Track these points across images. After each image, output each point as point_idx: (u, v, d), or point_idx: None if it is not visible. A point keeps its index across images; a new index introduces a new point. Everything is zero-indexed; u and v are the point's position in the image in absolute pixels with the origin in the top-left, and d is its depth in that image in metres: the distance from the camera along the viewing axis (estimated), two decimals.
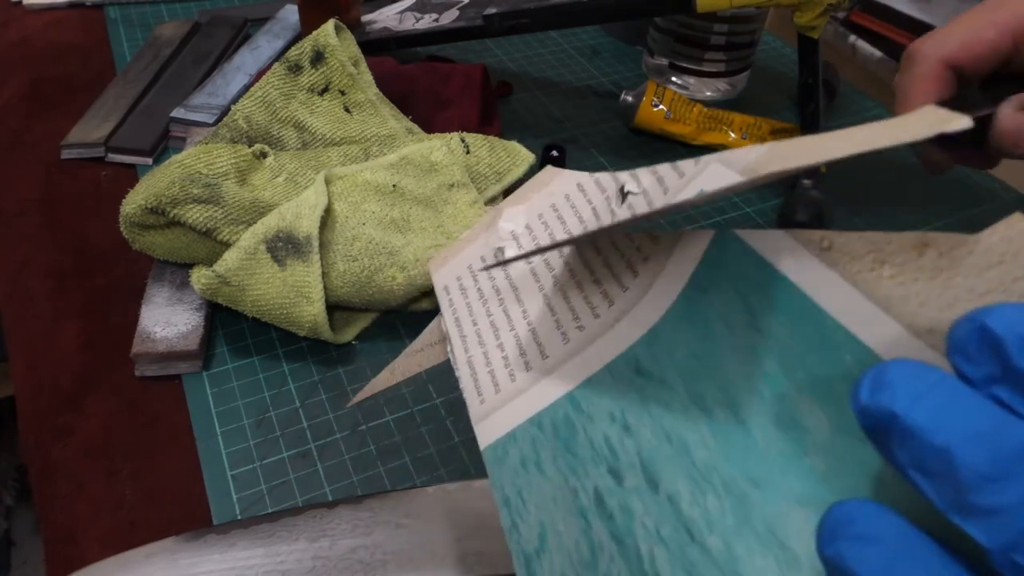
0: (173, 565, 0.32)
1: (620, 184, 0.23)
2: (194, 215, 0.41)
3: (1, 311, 0.46)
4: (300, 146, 0.50)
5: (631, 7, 0.51)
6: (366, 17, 0.64)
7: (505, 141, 0.51)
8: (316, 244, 0.40)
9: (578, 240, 0.18)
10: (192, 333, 0.41)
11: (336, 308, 0.43)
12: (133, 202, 0.41)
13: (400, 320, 0.44)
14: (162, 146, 0.56)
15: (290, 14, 0.67)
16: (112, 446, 0.38)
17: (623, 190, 0.23)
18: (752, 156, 0.18)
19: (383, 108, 0.51)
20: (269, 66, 0.56)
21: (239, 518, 0.34)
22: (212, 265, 0.41)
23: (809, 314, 0.18)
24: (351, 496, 0.35)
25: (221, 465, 0.37)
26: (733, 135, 0.57)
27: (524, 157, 0.51)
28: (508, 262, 0.20)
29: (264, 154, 0.46)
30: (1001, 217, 0.16)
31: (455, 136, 0.49)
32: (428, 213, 0.45)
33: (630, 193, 0.22)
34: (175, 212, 0.40)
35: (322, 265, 0.40)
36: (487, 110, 0.56)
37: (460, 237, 0.29)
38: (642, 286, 0.21)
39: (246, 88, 0.58)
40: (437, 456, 0.37)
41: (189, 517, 0.35)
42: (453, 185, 0.47)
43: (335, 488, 0.36)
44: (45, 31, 0.68)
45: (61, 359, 0.42)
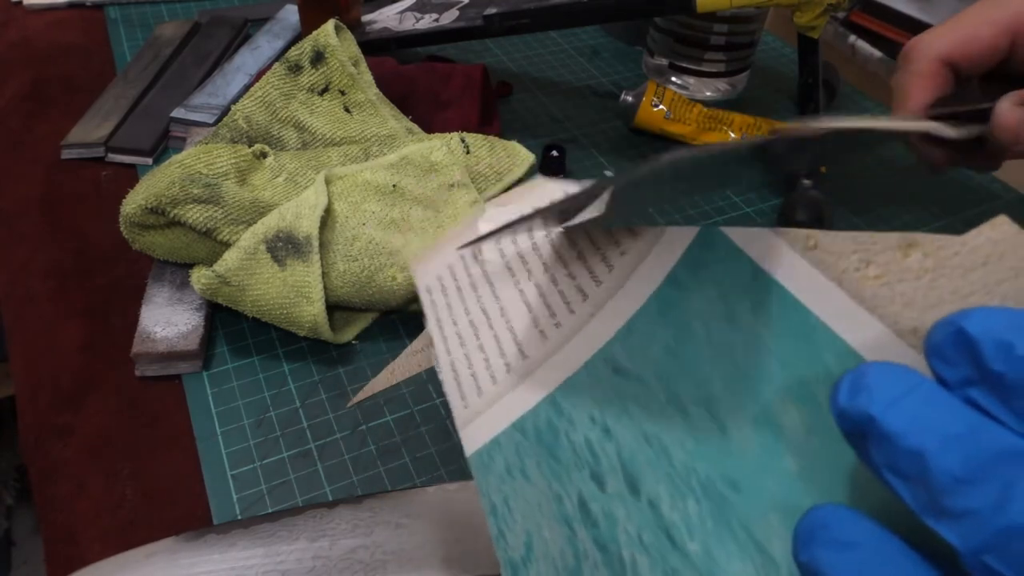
0: (173, 565, 0.32)
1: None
2: (194, 215, 0.41)
3: (1, 311, 0.46)
4: (300, 146, 0.50)
5: (631, 7, 0.51)
6: (366, 17, 0.64)
7: (505, 141, 0.51)
8: (316, 244, 0.40)
9: (547, 214, 0.18)
10: (192, 333, 0.41)
11: (336, 308, 0.43)
12: (133, 202, 0.41)
13: (400, 320, 0.44)
14: (162, 146, 0.56)
15: (290, 14, 0.67)
16: (112, 446, 0.38)
17: None
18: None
19: (383, 108, 0.51)
20: (269, 66, 0.56)
21: (239, 518, 0.34)
22: (212, 265, 0.41)
23: (792, 313, 0.18)
24: (351, 496, 0.35)
25: (221, 465, 0.37)
26: (733, 135, 0.57)
27: (524, 157, 0.51)
28: (483, 239, 0.20)
29: (264, 154, 0.46)
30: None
31: (455, 136, 0.49)
32: (428, 213, 0.45)
33: None
34: (175, 212, 0.41)
35: (322, 265, 0.40)
36: (487, 110, 0.56)
37: (442, 236, 0.29)
38: (617, 280, 0.21)
39: (246, 88, 0.58)
40: (437, 456, 0.37)
41: (189, 517, 0.35)
42: (453, 185, 0.47)
43: (335, 488, 0.36)
44: (45, 31, 0.68)
45: (61, 359, 0.42)
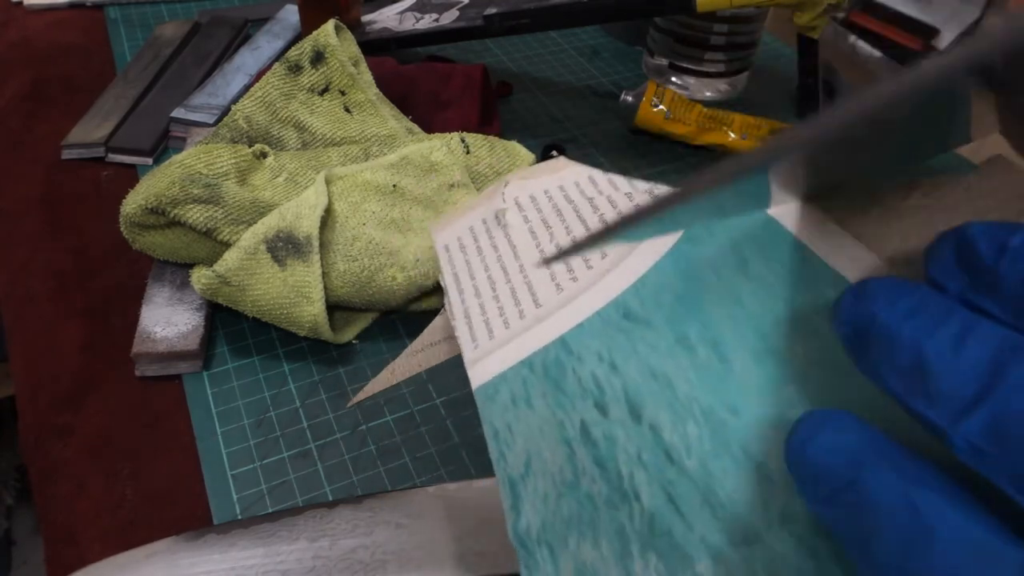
0: (173, 565, 0.32)
1: (643, 190, 0.24)
2: (194, 215, 0.41)
3: (1, 311, 0.46)
4: (300, 146, 0.50)
5: (631, 7, 0.51)
6: (366, 17, 0.64)
7: (505, 141, 0.51)
8: (316, 244, 0.40)
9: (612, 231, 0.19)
10: (192, 333, 0.41)
11: (336, 308, 0.43)
12: (133, 202, 0.41)
13: (400, 320, 0.44)
14: (162, 146, 0.56)
15: (290, 14, 0.67)
16: (112, 446, 0.38)
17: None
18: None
19: (383, 108, 0.51)
20: (269, 66, 0.56)
21: (239, 518, 0.34)
22: (212, 265, 0.41)
23: (796, 254, 0.18)
24: (351, 496, 0.35)
25: (221, 465, 0.37)
26: (733, 135, 0.57)
27: (524, 157, 0.51)
28: (563, 255, 0.21)
29: (264, 154, 0.46)
30: None
31: (455, 136, 0.49)
32: (428, 213, 0.45)
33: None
34: (175, 212, 0.41)
35: (322, 265, 0.40)
36: (487, 110, 0.56)
37: (462, 205, 0.30)
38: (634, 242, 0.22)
39: (246, 88, 0.58)
40: (437, 456, 0.37)
41: (189, 517, 0.35)
42: (453, 185, 0.47)
43: (335, 488, 0.36)
44: (46, 31, 0.68)
45: (61, 359, 0.42)
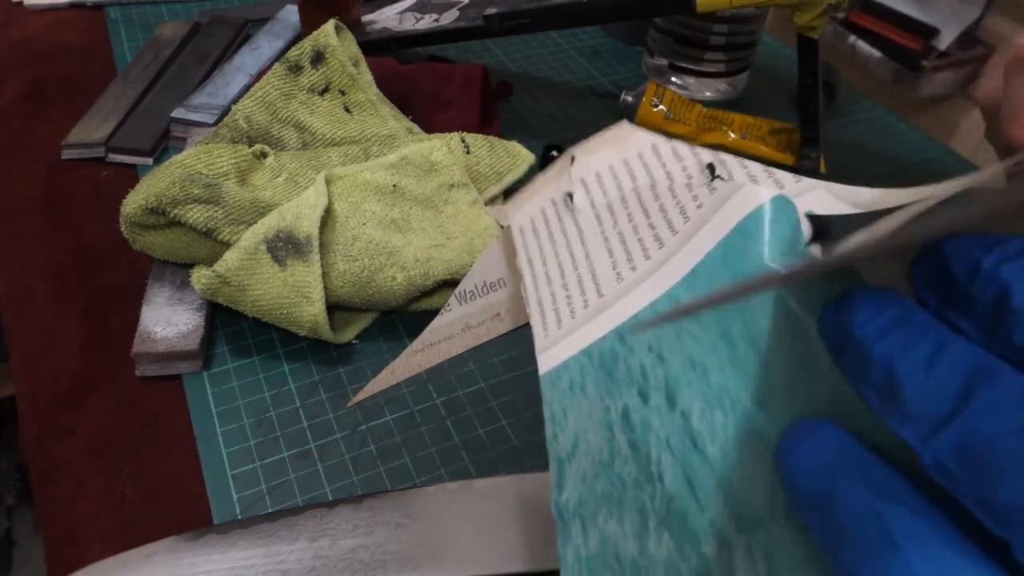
0: (173, 565, 0.32)
1: (705, 162, 0.24)
2: (194, 215, 0.41)
3: (1, 311, 0.46)
4: (300, 146, 0.50)
5: (631, 7, 0.51)
6: (366, 17, 0.64)
7: (505, 141, 0.51)
8: (316, 244, 0.40)
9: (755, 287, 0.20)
10: (192, 333, 0.41)
11: (336, 308, 0.43)
12: (133, 202, 0.41)
13: (400, 320, 0.44)
14: (162, 146, 0.56)
15: (290, 14, 0.67)
16: (112, 446, 0.38)
17: (712, 169, 0.24)
18: (867, 194, 0.19)
19: (383, 108, 0.51)
20: (269, 66, 0.56)
21: (239, 518, 0.35)
22: (212, 265, 0.41)
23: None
24: (351, 496, 0.35)
25: (221, 465, 0.37)
26: (733, 135, 0.57)
27: (524, 157, 0.51)
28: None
29: (264, 154, 0.46)
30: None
31: (455, 136, 0.49)
32: (428, 213, 0.45)
33: (719, 178, 0.24)
34: (175, 212, 0.41)
35: (322, 265, 0.40)
36: (487, 110, 0.56)
37: (534, 180, 0.32)
38: (692, 229, 0.23)
39: (246, 88, 0.58)
40: (437, 456, 0.37)
41: (189, 517, 0.35)
42: (453, 185, 0.47)
43: (335, 488, 0.36)
44: (46, 31, 0.68)
45: (61, 359, 0.42)
